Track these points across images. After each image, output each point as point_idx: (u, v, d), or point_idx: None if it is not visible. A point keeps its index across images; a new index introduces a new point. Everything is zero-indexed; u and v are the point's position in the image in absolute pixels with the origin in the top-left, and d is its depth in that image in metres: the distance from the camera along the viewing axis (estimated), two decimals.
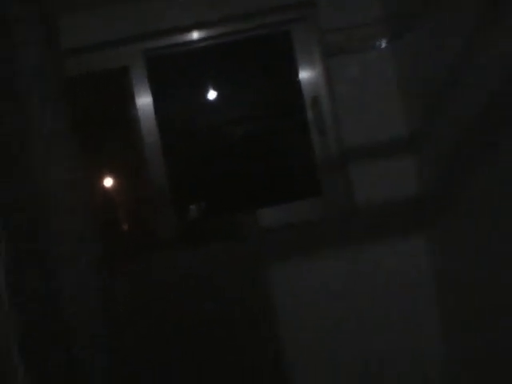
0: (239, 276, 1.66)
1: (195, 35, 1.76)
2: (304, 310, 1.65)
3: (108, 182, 1.83)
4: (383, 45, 1.66)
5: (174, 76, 1.84)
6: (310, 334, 1.65)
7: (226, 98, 1.90)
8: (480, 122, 1.16)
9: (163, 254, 1.69)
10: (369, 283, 1.65)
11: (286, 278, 1.66)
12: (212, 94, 1.89)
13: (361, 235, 1.66)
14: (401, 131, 1.65)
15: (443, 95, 1.35)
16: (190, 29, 1.74)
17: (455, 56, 1.23)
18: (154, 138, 1.76)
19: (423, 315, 1.65)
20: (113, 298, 0.71)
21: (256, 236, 1.69)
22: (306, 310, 1.65)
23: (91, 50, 1.62)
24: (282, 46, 1.79)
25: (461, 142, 1.29)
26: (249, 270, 1.66)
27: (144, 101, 1.75)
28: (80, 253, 0.67)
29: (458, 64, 1.23)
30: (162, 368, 1.59)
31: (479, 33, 1.09)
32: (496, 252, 1.17)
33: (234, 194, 1.85)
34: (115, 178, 1.83)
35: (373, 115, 1.66)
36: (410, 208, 1.64)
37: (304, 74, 1.78)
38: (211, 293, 1.64)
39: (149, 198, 1.77)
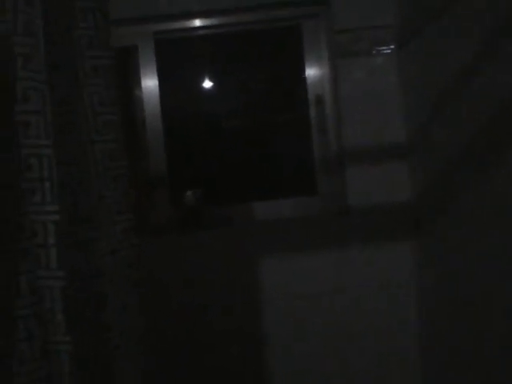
0: (228, 263, 1.66)
1: (205, 22, 1.76)
2: (288, 301, 1.68)
3: None
4: (391, 50, 1.69)
5: (181, 61, 1.83)
6: (291, 324, 1.68)
7: (231, 87, 1.91)
8: (478, 136, 1.18)
9: (155, 238, 1.68)
10: (352, 282, 1.68)
11: (274, 270, 1.68)
12: (216, 83, 1.89)
13: (350, 236, 1.69)
14: (399, 137, 1.68)
15: (443, 106, 1.39)
16: (201, 15, 1.73)
17: (459, 67, 1.25)
18: (157, 120, 1.75)
19: (401, 319, 1.69)
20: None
21: (248, 227, 1.71)
22: (290, 302, 1.68)
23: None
24: (291, 40, 1.81)
25: (456, 154, 1.31)
26: (238, 259, 1.67)
27: (150, 82, 1.74)
28: (117, 221, 0.67)
29: (462, 76, 1.25)
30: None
31: (486, 46, 1.12)
32: (481, 265, 1.19)
33: (230, 184, 1.86)
34: None
35: (374, 119, 1.68)
36: (400, 214, 1.67)
37: (310, 71, 1.80)
38: (200, 278, 1.65)
39: (146, 181, 1.76)
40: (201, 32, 1.80)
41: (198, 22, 1.76)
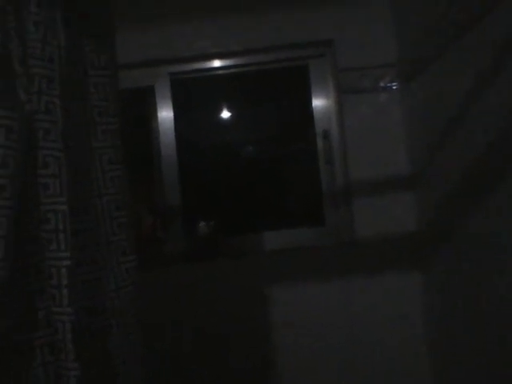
0: (238, 292, 1.73)
1: (218, 63, 1.88)
2: (297, 330, 1.73)
3: None
4: (394, 87, 1.77)
5: (196, 97, 1.95)
6: (298, 353, 1.73)
7: (241, 122, 2.01)
8: (479, 166, 1.23)
9: (168, 267, 1.76)
10: (361, 313, 1.72)
11: (282, 298, 1.74)
12: (228, 118, 2.00)
13: (358, 266, 1.73)
14: (404, 169, 1.74)
15: (445, 138, 1.44)
16: (213, 57, 1.86)
17: (460, 102, 1.30)
18: (172, 153, 1.86)
19: (411, 348, 1.71)
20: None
21: (257, 256, 1.79)
22: (298, 331, 1.73)
23: (125, 67, 1.73)
24: (299, 78, 1.91)
25: (460, 183, 1.36)
26: (248, 288, 1.73)
27: (166, 118, 1.86)
28: (121, 262, 0.78)
29: (462, 109, 1.30)
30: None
31: (485, 82, 1.17)
32: (490, 292, 1.22)
33: (240, 215, 1.94)
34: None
35: (379, 152, 1.75)
36: (407, 243, 1.72)
37: (318, 107, 1.89)
38: (212, 306, 1.72)
39: (161, 211, 1.86)
40: (215, 72, 1.92)
41: (211, 64, 1.88)
